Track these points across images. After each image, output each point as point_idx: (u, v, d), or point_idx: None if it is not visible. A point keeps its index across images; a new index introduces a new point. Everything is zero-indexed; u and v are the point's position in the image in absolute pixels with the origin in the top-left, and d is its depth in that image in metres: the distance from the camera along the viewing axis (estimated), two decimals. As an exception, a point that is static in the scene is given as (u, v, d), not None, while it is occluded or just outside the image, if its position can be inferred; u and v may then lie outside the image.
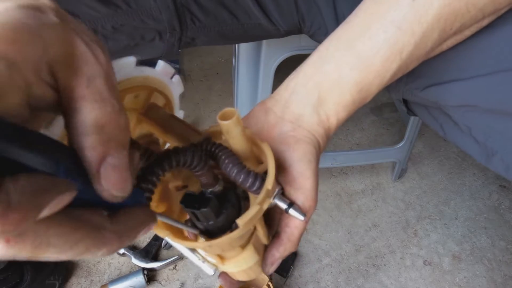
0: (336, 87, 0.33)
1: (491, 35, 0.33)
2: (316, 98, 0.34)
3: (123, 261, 0.99)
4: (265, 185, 0.29)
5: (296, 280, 0.97)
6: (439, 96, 0.38)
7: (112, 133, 0.18)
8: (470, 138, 0.40)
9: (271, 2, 0.52)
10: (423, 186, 1.20)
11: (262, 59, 0.77)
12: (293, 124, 0.34)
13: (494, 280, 0.98)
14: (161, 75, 0.29)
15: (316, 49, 0.36)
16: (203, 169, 0.28)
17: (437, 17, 0.30)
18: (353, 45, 0.33)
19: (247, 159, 0.31)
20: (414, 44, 0.31)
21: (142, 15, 0.47)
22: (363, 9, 0.33)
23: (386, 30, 0.31)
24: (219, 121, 0.27)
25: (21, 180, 0.14)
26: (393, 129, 1.37)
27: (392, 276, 0.98)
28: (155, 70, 0.28)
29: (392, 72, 0.33)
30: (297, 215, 0.32)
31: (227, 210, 0.29)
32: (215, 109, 1.40)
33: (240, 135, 0.29)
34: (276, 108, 0.36)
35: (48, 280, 0.89)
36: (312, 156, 0.33)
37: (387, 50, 0.32)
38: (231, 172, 0.29)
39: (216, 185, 0.30)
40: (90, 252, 0.17)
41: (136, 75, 0.27)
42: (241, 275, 0.35)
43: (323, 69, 0.34)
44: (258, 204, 0.28)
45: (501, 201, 1.15)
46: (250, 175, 0.28)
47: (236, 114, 0.27)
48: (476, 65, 0.35)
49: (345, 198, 1.15)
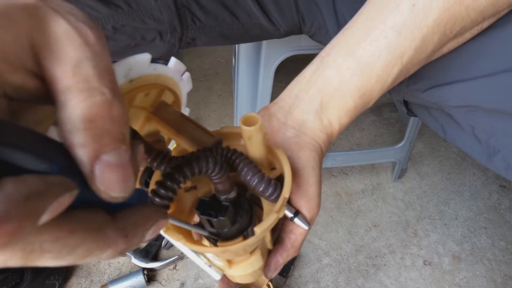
0: (338, 93, 0.34)
1: (492, 36, 0.33)
2: (318, 104, 0.34)
3: (123, 261, 0.99)
4: (283, 193, 0.28)
5: (296, 280, 0.97)
6: (441, 97, 0.38)
7: (104, 127, 0.16)
8: (471, 137, 0.40)
9: (271, 2, 0.52)
10: (423, 186, 1.20)
11: (262, 59, 0.77)
12: (296, 131, 0.34)
13: (494, 280, 0.98)
14: (173, 72, 0.29)
15: (318, 55, 0.36)
16: (223, 177, 0.27)
17: (437, 21, 0.30)
18: (354, 51, 0.33)
19: (261, 164, 0.31)
20: (414, 48, 0.31)
21: (143, 15, 0.48)
22: (363, 14, 0.33)
23: (386, 35, 0.31)
24: (242, 127, 0.27)
25: (9, 185, 0.12)
26: (393, 129, 1.37)
27: (392, 276, 0.98)
28: (167, 67, 0.28)
29: (393, 77, 0.33)
30: (302, 225, 0.32)
31: (242, 218, 0.29)
32: (215, 109, 1.40)
33: (261, 142, 0.29)
34: (279, 114, 0.36)
35: (48, 280, 0.89)
36: (315, 162, 0.34)
37: (388, 55, 0.32)
38: (251, 181, 0.28)
39: (231, 192, 0.29)
40: (93, 255, 0.16)
41: (149, 72, 0.26)
42: (241, 279, 0.35)
43: (325, 75, 0.34)
44: (275, 212, 0.28)
45: (501, 201, 1.15)
46: (270, 184, 0.28)
47: (260, 121, 0.27)
48: (477, 66, 0.35)
49: (345, 198, 1.15)
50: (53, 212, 0.13)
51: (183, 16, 0.50)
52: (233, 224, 0.29)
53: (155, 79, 0.27)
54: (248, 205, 0.31)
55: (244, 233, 0.30)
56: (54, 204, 0.13)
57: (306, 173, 0.33)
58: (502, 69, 0.33)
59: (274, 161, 0.33)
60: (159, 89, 0.29)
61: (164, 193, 0.24)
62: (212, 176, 0.27)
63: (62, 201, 0.14)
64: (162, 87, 0.29)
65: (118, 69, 0.23)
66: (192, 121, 0.31)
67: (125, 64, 0.23)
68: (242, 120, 0.28)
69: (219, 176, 0.27)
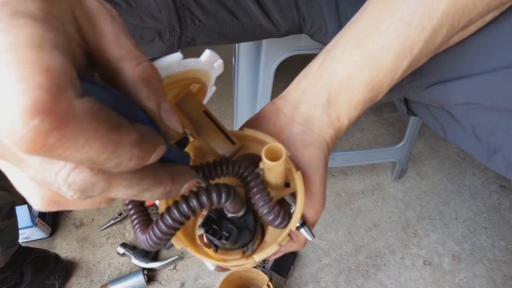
0: (346, 87, 0.33)
1: (494, 32, 0.33)
2: (326, 99, 0.34)
3: (123, 261, 0.99)
4: (289, 226, 0.28)
5: (296, 280, 0.97)
6: (442, 94, 0.38)
7: (156, 84, 0.20)
8: (472, 137, 0.40)
9: (272, 2, 0.52)
10: (423, 186, 1.19)
11: (262, 59, 0.77)
12: (302, 127, 0.34)
13: (494, 280, 0.98)
14: (204, 64, 0.28)
15: (323, 50, 0.35)
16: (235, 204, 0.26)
17: (446, 12, 0.30)
18: (362, 44, 0.32)
19: (276, 186, 0.30)
20: (424, 40, 0.31)
21: (142, 14, 0.48)
22: (370, 7, 0.33)
23: (396, 28, 0.31)
24: (265, 160, 0.26)
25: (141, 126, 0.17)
26: (393, 129, 1.37)
27: (392, 276, 0.98)
28: (199, 61, 0.27)
29: (403, 69, 0.33)
30: (307, 236, 0.32)
31: (245, 238, 0.29)
32: (214, 109, 1.40)
33: (281, 173, 0.28)
34: (286, 109, 0.35)
35: (48, 280, 0.89)
36: (320, 161, 0.33)
37: (397, 48, 0.31)
38: (261, 209, 0.28)
39: (241, 211, 0.29)
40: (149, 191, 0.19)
41: (178, 71, 0.25)
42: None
43: (332, 69, 0.33)
44: (278, 244, 0.28)
45: (501, 201, 1.15)
46: (279, 216, 0.28)
47: (284, 155, 0.26)
48: (479, 62, 0.35)
49: (345, 198, 1.15)
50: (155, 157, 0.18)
51: (182, 16, 0.49)
52: (235, 243, 0.29)
53: (184, 75, 0.27)
54: (254, 222, 0.30)
55: (244, 248, 0.30)
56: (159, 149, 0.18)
57: (310, 172, 0.33)
58: (504, 65, 0.33)
59: (290, 178, 0.32)
60: (187, 83, 0.28)
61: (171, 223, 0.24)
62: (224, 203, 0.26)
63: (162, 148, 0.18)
64: (191, 81, 0.28)
65: None
66: (214, 120, 0.30)
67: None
68: (266, 151, 0.26)
69: (231, 206, 0.26)
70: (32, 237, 1.01)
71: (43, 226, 1.00)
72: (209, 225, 0.28)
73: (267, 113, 0.36)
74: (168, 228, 0.24)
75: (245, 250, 0.31)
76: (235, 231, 0.28)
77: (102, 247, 1.02)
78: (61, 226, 1.06)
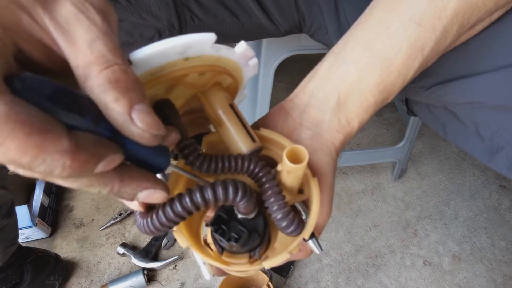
0: (356, 89, 0.32)
1: (497, 31, 0.33)
2: (335, 102, 0.33)
3: (123, 261, 0.99)
4: (302, 234, 0.27)
5: (296, 280, 0.97)
6: (445, 94, 0.38)
7: (128, 85, 0.19)
8: (474, 135, 0.40)
9: (271, 2, 0.52)
10: (423, 186, 1.19)
11: (262, 59, 0.77)
12: (311, 132, 0.33)
13: (494, 280, 0.98)
14: (238, 57, 0.26)
15: (330, 51, 0.34)
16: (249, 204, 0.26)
17: (456, 11, 0.30)
18: (372, 45, 0.31)
19: (291, 190, 0.29)
20: (435, 40, 0.31)
21: (141, 11, 0.48)
22: (378, 8, 0.32)
23: (406, 28, 0.30)
24: (286, 162, 0.25)
25: (85, 133, 0.17)
26: (393, 129, 1.37)
27: (392, 276, 0.98)
28: (233, 51, 0.25)
29: (414, 70, 0.32)
30: (315, 249, 0.30)
31: (254, 242, 0.28)
32: (215, 109, 1.40)
33: (300, 177, 0.27)
34: (294, 113, 0.34)
35: (48, 280, 0.89)
36: (328, 168, 0.32)
37: (408, 48, 0.31)
38: (275, 214, 0.27)
39: (252, 212, 0.28)
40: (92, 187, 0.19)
41: (210, 54, 0.24)
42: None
43: (341, 71, 0.32)
44: (288, 252, 0.26)
45: (501, 201, 1.15)
46: (293, 223, 0.27)
47: (307, 159, 0.25)
48: (482, 62, 0.34)
49: (345, 198, 1.15)
50: (106, 166, 0.18)
51: (182, 14, 0.50)
52: (243, 246, 0.27)
53: (216, 61, 0.25)
54: (264, 226, 0.29)
55: (251, 253, 0.29)
56: (109, 158, 0.18)
57: (319, 180, 0.31)
58: (507, 64, 0.33)
59: (305, 185, 0.31)
60: (217, 71, 0.27)
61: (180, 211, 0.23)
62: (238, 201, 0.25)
63: (115, 158, 0.18)
64: (221, 70, 0.27)
65: (174, 45, 0.22)
66: (238, 115, 0.29)
67: (183, 41, 0.22)
68: (288, 153, 0.25)
69: (245, 205, 0.25)
70: (32, 237, 1.01)
71: (43, 226, 1.00)
72: (218, 225, 0.27)
73: (274, 116, 0.35)
74: (175, 216, 0.23)
75: (252, 255, 0.29)
76: (246, 234, 0.27)
77: (102, 247, 1.02)
78: (61, 226, 1.06)
